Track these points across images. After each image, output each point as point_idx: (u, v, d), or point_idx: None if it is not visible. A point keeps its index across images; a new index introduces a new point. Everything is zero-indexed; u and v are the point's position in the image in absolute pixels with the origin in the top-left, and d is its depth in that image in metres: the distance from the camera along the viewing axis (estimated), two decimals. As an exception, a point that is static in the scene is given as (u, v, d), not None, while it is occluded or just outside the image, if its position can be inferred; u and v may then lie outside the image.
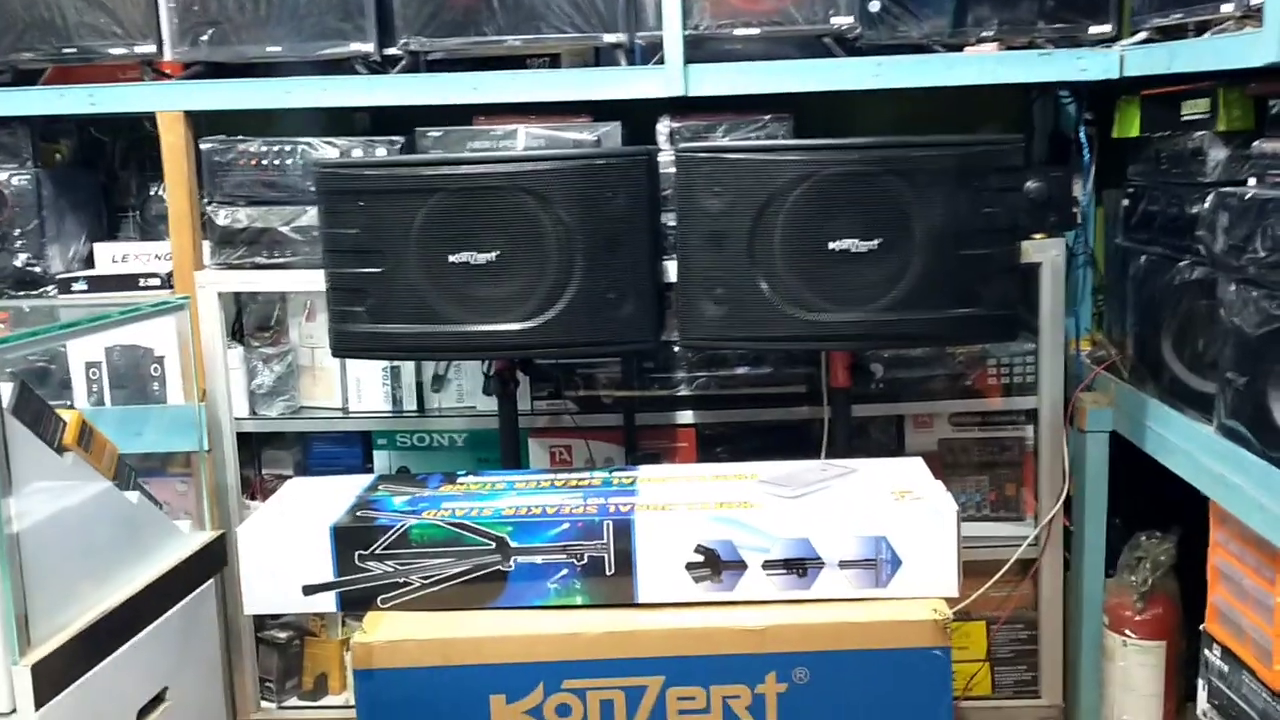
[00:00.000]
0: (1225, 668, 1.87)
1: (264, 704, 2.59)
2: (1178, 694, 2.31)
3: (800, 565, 1.64)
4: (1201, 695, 1.95)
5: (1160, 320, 2.13)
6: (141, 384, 2.49)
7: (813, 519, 1.65)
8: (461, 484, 1.84)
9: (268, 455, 2.69)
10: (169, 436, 2.34)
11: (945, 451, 2.54)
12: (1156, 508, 2.31)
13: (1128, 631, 2.29)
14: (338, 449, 2.71)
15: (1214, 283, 1.87)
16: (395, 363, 2.51)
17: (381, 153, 2.37)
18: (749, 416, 2.49)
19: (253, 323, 2.65)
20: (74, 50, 2.41)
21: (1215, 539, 1.92)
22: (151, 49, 2.40)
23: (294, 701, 2.61)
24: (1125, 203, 2.29)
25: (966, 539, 2.43)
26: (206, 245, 2.46)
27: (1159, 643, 2.27)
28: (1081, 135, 2.40)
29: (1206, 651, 1.93)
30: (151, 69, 2.46)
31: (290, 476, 2.68)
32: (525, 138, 2.35)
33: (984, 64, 2.25)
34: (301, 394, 2.60)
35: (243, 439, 2.56)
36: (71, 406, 1.59)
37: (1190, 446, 1.97)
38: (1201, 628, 1.95)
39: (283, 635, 2.59)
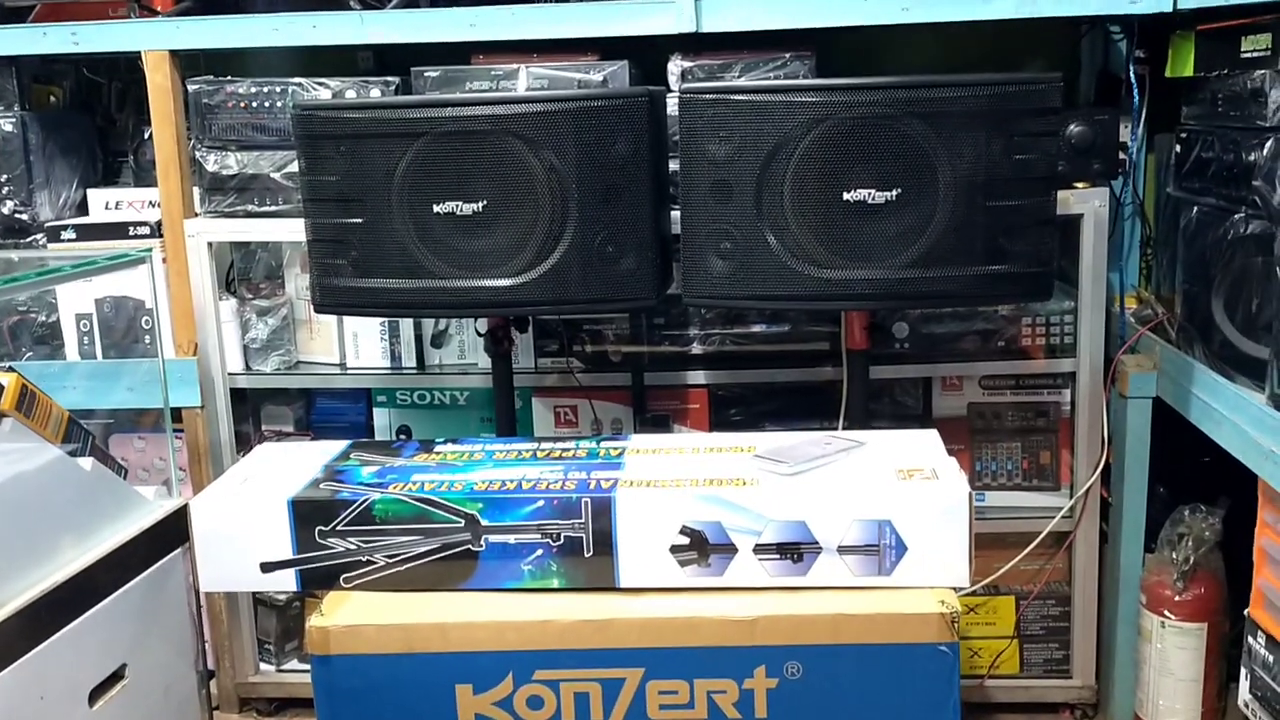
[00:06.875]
0: (1270, 657, 1.74)
1: (263, 666, 2.53)
2: (1219, 678, 2.17)
3: (795, 550, 1.50)
4: (1244, 685, 1.81)
5: (1211, 277, 1.97)
6: (132, 336, 2.41)
7: (810, 499, 1.51)
8: (438, 453, 1.72)
9: (268, 411, 2.59)
10: (146, 393, 2.24)
11: (975, 416, 2.38)
12: (1207, 478, 2.16)
13: (1166, 612, 2.14)
14: (342, 405, 2.60)
15: (1271, 237, 1.72)
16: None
17: (376, 94, 2.24)
18: (766, 377, 2.34)
19: (260, 273, 2.54)
20: (57, -16, 2.31)
21: (1263, 518, 1.77)
22: (138, -16, 2.30)
23: (293, 664, 2.55)
24: (1177, 149, 2.12)
25: (998, 509, 2.36)
26: (197, 193, 2.35)
27: (1199, 625, 2.12)
28: (1131, 75, 2.21)
29: (1250, 639, 1.79)
30: (139, 6, 2.35)
31: (291, 434, 2.59)
32: (527, 78, 2.21)
33: (1023, -5, 2.06)
34: (299, 349, 2.49)
35: (240, 395, 2.47)
36: (11, 369, 1.46)
37: (1238, 417, 1.82)
38: (1246, 612, 1.80)
39: (281, 597, 2.52)
